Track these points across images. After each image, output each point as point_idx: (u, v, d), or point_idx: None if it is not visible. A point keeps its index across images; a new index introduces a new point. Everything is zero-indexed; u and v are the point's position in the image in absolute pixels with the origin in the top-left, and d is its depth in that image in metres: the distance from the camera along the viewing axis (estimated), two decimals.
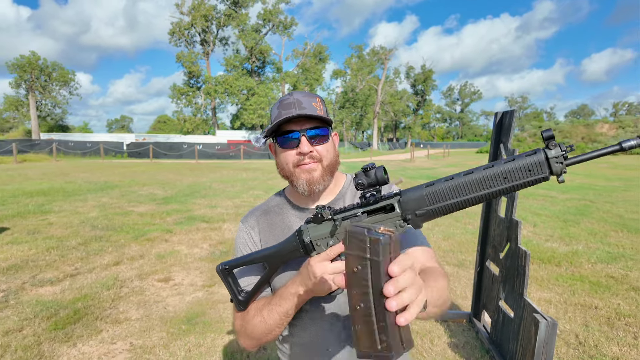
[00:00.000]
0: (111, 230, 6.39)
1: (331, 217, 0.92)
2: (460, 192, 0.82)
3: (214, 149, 31.61)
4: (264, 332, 1.05)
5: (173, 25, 43.79)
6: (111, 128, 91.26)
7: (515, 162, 0.78)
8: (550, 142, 0.76)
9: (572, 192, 11.03)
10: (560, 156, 0.76)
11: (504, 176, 0.79)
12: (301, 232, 0.98)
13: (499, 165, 0.79)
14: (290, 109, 1.04)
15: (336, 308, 1.09)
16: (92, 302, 3.71)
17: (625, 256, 5.14)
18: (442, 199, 0.84)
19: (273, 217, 1.18)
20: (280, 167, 1.10)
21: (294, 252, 0.99)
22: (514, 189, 0.80)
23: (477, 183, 0.81)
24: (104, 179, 14.05)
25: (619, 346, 3.03)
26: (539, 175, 0.77)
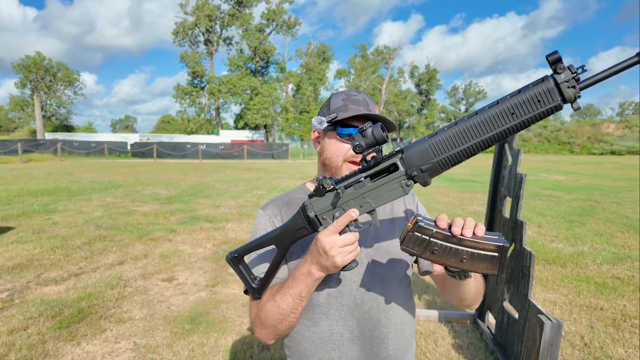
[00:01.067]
0: (115, 230, 6.41)
1: (333, 187, 0.88)
2: (466, 138, 0.76)
3: (217, 149, 31.68)
4: (277, 318, 1.01)
5: (177, 25, 43.95)
6: (115, 128, 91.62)
7: (521, 94, 0.71)
8: (559, 66, 0.68)
9: (577, 193, 10.95)
10: (571, 79, 0.68)
11: (512, 112, 0.72)
12: (305, 207, 0.93)
13: (504, 101, 0.73)
14: (359, 107, 1.05)
15: (351, 303, 1.07)
16: (96, 302, 3.73)
17: (632, 257, 5.10)
18: (447, 149, 0.77)
19: (296, 208, 1.14)
20: (327, 156, 1.08)
21: (301, 229, 0.95)
22: (524, 125, 0.73)
23: (483, 124, 0.74)
24: (108, 178, 14.12)
25: (624, 348, 3.00)
26: (550, 104, 0.70)
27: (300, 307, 0.99)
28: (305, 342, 1.10)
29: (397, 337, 1.10)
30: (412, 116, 66.28)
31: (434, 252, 0.80)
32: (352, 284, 1.07)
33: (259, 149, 32.17)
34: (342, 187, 0.87)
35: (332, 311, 1.07)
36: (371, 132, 0.82)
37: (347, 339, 1.07)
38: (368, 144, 0.83)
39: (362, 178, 0.87)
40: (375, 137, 0.82)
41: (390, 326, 1.09)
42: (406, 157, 0.81)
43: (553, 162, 25.29)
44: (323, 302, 1.07)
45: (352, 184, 0.88)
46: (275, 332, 1.05)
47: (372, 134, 0.82)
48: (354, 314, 1.07)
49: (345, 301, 1.06)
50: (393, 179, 0.84)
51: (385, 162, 0.84)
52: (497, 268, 0.78)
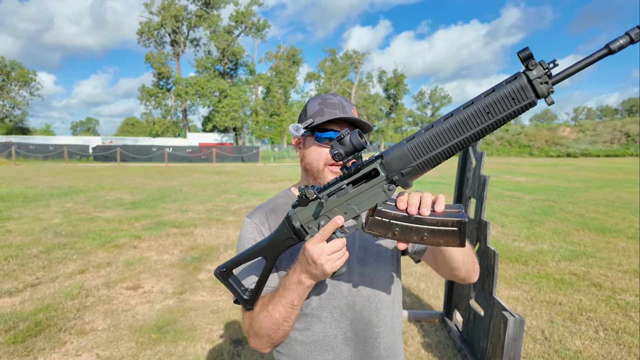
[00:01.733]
0: (76, 237, 6.12)
1: (316, 196, 0.88)
2: (444, 140, 0.76)
3: (184, 152, 30.95)
4: (271, 328, 1.01)
5: (142, 25, 42.67)
6: (76, 130, 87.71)
7: (495, 92, 0.72)
8: (530, 62, 0.68)
9: (537, 193, 11.50)
10: (543, 75, 0.68)
11: (487, 111, 0.72)
12: (290, 218, 0.93)
13: (479, 101, 0.73)
14: (335, 110, 1.05)
15: (343, 304, 1.08)
16: (55, 313, 3.54)
17: (587, 254, 5.40)
18: (426, 151, 0.78)
19: (282, 214, 1.14)
20: (308, 162, 1.09)
21: (288, 240, 0.95)
22: (500, 123, 0.74)
23: (460, 125, 0.74)
24: (68, 183, 13.47)
25: (581, 340, 3.17)
26: (524, 101, 0.70)
27: (293, 316, 1.00)
28: (298, 346, 1.09)
29: (389, 335, 1.12)
30: (380, 120, 67.42)
31: (395, 232, 0.84)
32: (342, 286, 1.08)
33: (228, 152, 31.69)
34: (325, 196, 0.88)
35: (325, 314, 1.07)
36: (349, 139, 0.82)
37: (341, 340, 1.08)
38: (347, 152, 0.83)
39: (345, 185, 0.87)
40: (353, 144, 0.82)
41: (382, 325, 1.10)
42: (386, 162, 0.82)
43: (514, 164, 26.44)
44: (315, 305, 1.07)
45: (334, 191, 0.88)
46: (270, 342, 1.06)
47: (350, 141, 0.82)
48: (347, 315, 1.08)
49: (337, 303, 1.07)
50: (375, 184, 0.85)
51: (366, 168, 0.84)
52: (458, 241, 0.82)
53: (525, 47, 0.67)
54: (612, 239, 6.21)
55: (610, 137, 36.73)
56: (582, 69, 0.68)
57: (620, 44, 0.65)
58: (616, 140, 36.18)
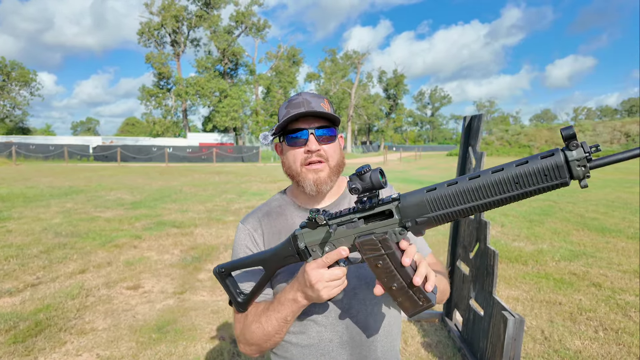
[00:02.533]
0: (76, 237, 6.12)
1: (326, 222, 0.88)
2: (465, 199, 0.74)
3: (185, 152, 30.95)
4: (262, 338, 1.03)
5: (142, 25, 42.70)
6: (76, 130, 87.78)
7: (528, 164, 0.69)
8: (572, 142, 0.65)
9: None
10: (583, 159, 0.65)
11: (516, 181, 0.70)
12: (296, 237, 0.94)
13: (509, 169, 0.70)
14: (299, 108, 1.03)
15: (339, 308, 1.07)
16: (56, 313, 3.54)
17: (586, 254, 5.40)
18: (445, 206, 0.76)
19: (276, 218, 1.15)
20: (287, 166, 1.09)
21: (290, 257, 0.96)
22: (526, 195, 0.71)
23: (484, 188, 0.72)
24: (68, 183, 13.47)
25: (581, 340, 3.17)
26: (557, 180, 0.67)
27: (285, 329, 1.01)
28: (294, 349, 1.10)
29: (385, 338, 1.11)
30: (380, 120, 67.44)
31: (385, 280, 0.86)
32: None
33: (228, 152, 31.69)
34: (334, 225, 0.88)
35: (320, 318, 1.07)
36: (369, 176, 0.81)
37: (337, 344, 1.07)
38: (364, 187, 0.82)
39: (356, 219, 0.87)
40: (372, 182, 0.81)
41: (378, 328, 1.10)
42: (402, 207, 0.81)
43: None
44: (310, 310, 1.07)
45: (344, 222, 0.88)
46: (259, 350, 1.08)
47: (370, 178, 0.81)
48: (342, 318, 1.07)
49: (332, 307, 1.07)
50: (386, 225, 0.84)
51: (381, 207, 0.84)
52: (410, 313, 0.87)
53: (570, 126, 0.65)
54: (612, 238, 6.21)
55: (610, 137, 36.73)
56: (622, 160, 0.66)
57: None
58: (616, 141, 36.19)
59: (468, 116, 3.19)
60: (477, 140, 2.93)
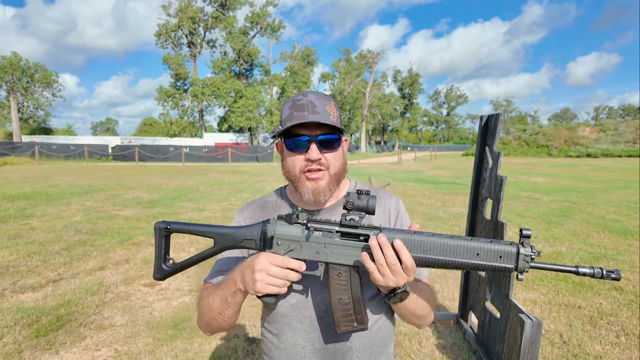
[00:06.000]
0: (96, 235, 6.27)
1: (305, 223, 0.89)
2: (436, 251, 0.85)
3: (201, 152, 31.33)
4: (208, 315, 1.03)
5: (160, 27, 43.38)
6: (96, 131, 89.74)
7: (491, 244, 0.84)
8: (525, 241, 0.83)
9: (555, 194, 11.25)
10: (529, 255, 0.83)
11: (477, 252, 0.84)
12: (267, 224, 0.93)
13: (477, 241, 0.85)
14: (303, 112, 0.98)
15: (314, 315, 1.05)
16: (76, 308, 3.64)
17: (607, 256, 5.26)
18: (417, 250, 0.86)
19: (269, 213, 1.14)
20: (286, 170, 1.06)
21: (249, 241, 0.95)
22: (480, 268, 0.85)
23: (453, 248, 0.85)
24: (88, 182, 13.80)
25: (601, 345, 3.09)
26: (505, 264, 0.84)
27: (227, 312, 0.99)
28: (274, 349, 1.10)
29: (363, 351, 1.06)
30: (395, 119, 66.97)
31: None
32: (316, 295, 1.05)
33: (243, 152, 31.95)
34: (313, 228, 0.90)
35: (295, 323, 1.05)
36: (367, 200, 0.87)
37: (309, 351, 1.05)
38: (358, 207, 0.88)
39: (335, 230, 0.90)
40: (367, 205, 0.87)
41: (355, 340, 1.05)
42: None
43: (532, 164, 25.92)
44: (286, 312, 1.05)
45: (322, 229, 0.91)
46: (208, 327, 1.07)
47: (367, 202, 0.87)
48: (316, 327, 1.04)
49: (308, 313, 1.04)
50: (358, 247, 0.90)
51: (363, 230, 0.89)
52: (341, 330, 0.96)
53: (529, 228, 0.84)
54: (635, 241, 6.03)
55: (633, 136, 35.61)
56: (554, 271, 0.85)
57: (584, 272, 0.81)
58: (639, 140, 35.09)
59: (485, 115, 3.14)
60: (494, 140, 2.89)
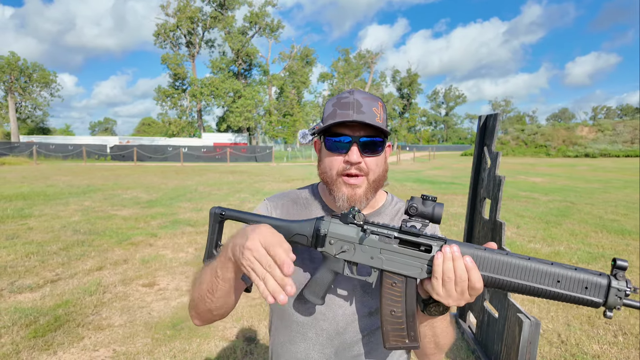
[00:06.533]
0: (94, 235, 6.26)
1: (361, 225, 0.84)
2: (508, 272, 0.76)
3: (199, 152, 31.31)
4: (198, 293, 0.92)
5: (158, 26, 43.32)
6: (94, 130, 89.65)
7: (576, 272, 0.73)
8: (619, 273, 0.72)
9: (553, 194, 11.27)
10: (623, 291, 0.71)
11: (558, 280, 0.74)
12: (321, 221, 0.88)
13: (559, 267, 0.74)
14: (347, 110, 0.91)
15: (332, 329, 0.97)
16: (74, 309, 3.63)
17: (605, 256, 5.27)
18: (488, 269, 0.77)
19: (299, 208, 1.07)
20: (322, 171, 0.98)
21: (301, 237, 0.89)
22: (560, 298, 0.74)
23: (527, 271, 0.75)
24: (86, 182, 13.77)
25: (599, 344, 3.10)
26: (592, 297, 0.72)
27: (217, 291, 0.86)
28: (287, 354, 1.02)
29: None
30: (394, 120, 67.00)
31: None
32: (338, 309, 0.97)
33: (242, 152, 31.93)
34: (369, 230, 0.84)
35: (311, 334, 0.98)
36: (433, 207, 0.80)
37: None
38: (422, 213, 0.80)
39: (393, 236, 0.83)
40: (433, 213, 0.80)
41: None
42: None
43: (530, 164, 25.97)
44: (303, 321, 0.98)
45: (379, 233, 0.84)
46: (197, 312, 0.95)
47: (433, 208, 0.80)
48: (334, 342, 0.97)
49: (326, 326, 0.97)
50: (419, 258, 0.82)
51: (424, 240, 0.82)
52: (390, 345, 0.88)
53: (625, 259, 0.71)
54: (632, 241, 6.05)
55: (631, 136, 35.71)
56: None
57: None
58: (637, 140, 35.17)
59: (483, 115, 3.15)
60: (493, 139, 2.89)
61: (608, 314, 0.71)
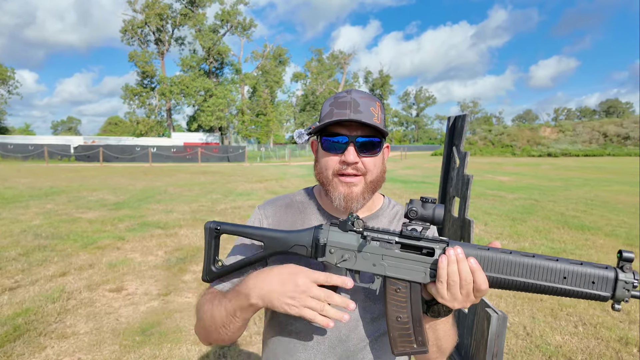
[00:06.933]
0: (57, 239, 5.98)
1: (361, 232, 0.82)
2: (513, 271, 0.75)
3: (169, 152, 30.53)
4: (209, 324, 0.92)
5: (125, 23, 41.94)
6: (57, 130, 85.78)
7: (582, 266, 0.73)
8: (626, 265, 0.71)
9: (519, 192, 11.72)
10: (630, 283, 0.70)
11: (564, 276, 0.73)
12: (320, 230, 0.86)
13: (565, 262, 0.73)
14: (344, 109, 0.90)
15: (335, 337, 0.94)
16: (35, 317, 3.45)
17: (567, 250, 5.54)
18: (492, 269, 0.76)
19: (294, 213, 1.04)
20: (319, 171, 0.97)
21: (301, 247, 0.87)
22: (567, 294, 0.74)
23: (533, 269, 0.74)
24: (48, 184, 13.15)
25: (561, 335, 3.24)
26: (600, 291, 0.72)
27: (233, 326, 0.89)
28: None
29: None
30: None
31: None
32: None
33: (213, 152, 31.40)
34: (370, 237, 0.82)
35: (312, 343, 0.94)
36: (434, 208, 0.78)
37: None
38: (422, 216, 0.78)
39: (395, 241, 0.82)
40: (434, 215, 0.78)
41: None
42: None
43: (497, 163, 26.89)
44: (303, 330, 0.95)
45: (380, 239, 0.82)
46: (206, 337, 0.97)
47: (434, 210, 0.78)
48: (336, 350, 0.94)
49: (328, 333, 0.94)
50: (422, 262, 0.80)
51: (427, 243, 0.80)
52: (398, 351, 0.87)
53: (631, 251, 0.70)
54: (591, 236, 6.38)
55: (589, 137, 37.68)
56: None
57: None
58: (594, 140, 37.15)
59: (452, 116, 3.23)
60: (461, 140, 2.97)
61: (616, 307, 0.71)
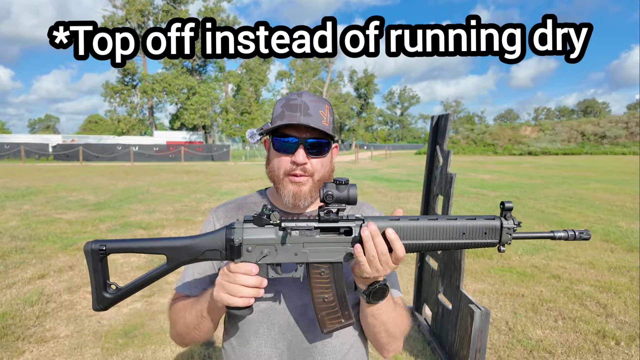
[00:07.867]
0: (35, 241, 5.82)
1: (278, 224, 0.81)
2: (422, 235, 0.83)
3: (151, 151, 30.00)
4: (182, 328, 0.99)
5: (105, 19, 40.99)
6: (34, 128, 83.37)
7: (476, 221, 0.84)
8: (507, 214, 0.83)
9: (501, 190, 11.95)
10: (512, 228, 0.84)
11: (463, 231, 0.83)
12: (232, 230, 0.82)
13: (461, 220, 0.84)
14: (295, 112, 0.94)
15: (284, 323, 0.98)
16: (13, 321, 3.35)
17: (546, 247, 5.68)
18: (407, 237, 0.83)
19: (244, 213, 1.04)
20: (270, 170, 1.02)
21: (213, 252, 0.83)
22: (466, 246, 0.85)
23: (438, 230, 0.83)
24: (25, 184, 12.77)
25: (542, 329, 3.33)
26: (490, 239, 0.84)
27: (204, 327, 0.95)
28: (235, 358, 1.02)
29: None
30: (352, 119, 67.98)
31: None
32: (289, 301, 0.98)
33: (197, 151, 31.01)
34: (289, 228, 0.82)
35: (263, 330, 0.98)
36: (347, 189, 0.81)
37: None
38: (338, 198, 0.80)
39: (313, 227, 0.83)
40: (348, 195, 0.81)
41: (327, 354, 0.98)
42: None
43: (479, 162, 27.36)
44: (254, 319, 0.98)
45: (299, 228, 0.83)
46: (182, 341, 1.03)
47: (348, 191, 0.81)
48: (286, 335, 0.97)
49: (277, 320, 0.97)
50: (341, 242, 0.83)
51: (344, 223, 0.83)
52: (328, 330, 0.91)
53: (510, 201, 0.82)
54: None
55: (568, 136, 38.70)
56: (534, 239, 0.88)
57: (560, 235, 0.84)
58: (573, 139, 38.18)
59: (436, 116, 3.27)
60: (444, 139, 3.01)
61: (502, 249, 0.85)
